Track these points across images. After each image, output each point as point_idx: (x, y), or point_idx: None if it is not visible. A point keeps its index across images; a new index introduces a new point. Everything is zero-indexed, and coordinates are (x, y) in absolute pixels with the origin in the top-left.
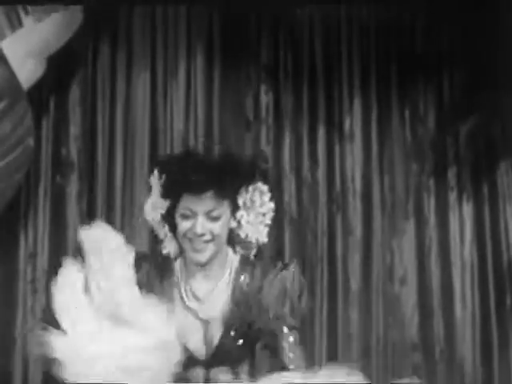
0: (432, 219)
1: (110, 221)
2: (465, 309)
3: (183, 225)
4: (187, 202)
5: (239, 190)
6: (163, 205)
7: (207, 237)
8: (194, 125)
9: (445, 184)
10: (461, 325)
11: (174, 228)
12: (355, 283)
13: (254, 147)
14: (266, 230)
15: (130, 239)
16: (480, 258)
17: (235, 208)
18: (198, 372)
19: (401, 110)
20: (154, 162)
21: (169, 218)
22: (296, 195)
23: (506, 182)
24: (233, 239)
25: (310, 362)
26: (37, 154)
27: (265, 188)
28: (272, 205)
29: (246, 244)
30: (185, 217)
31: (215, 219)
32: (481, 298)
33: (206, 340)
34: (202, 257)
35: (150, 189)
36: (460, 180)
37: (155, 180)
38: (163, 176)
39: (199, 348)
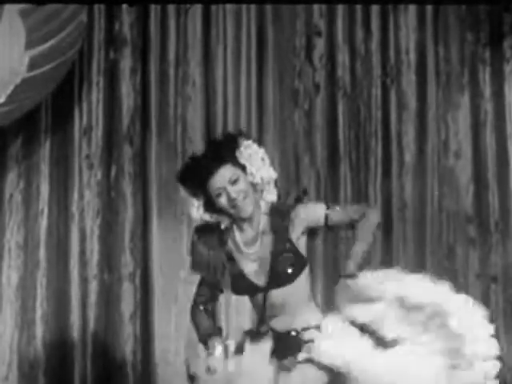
0: (487, 91)
1: (163, 94)
2: None
3: (222, 201)
4: (212, 184)
5: (234, 155)
6: (200, 203)
7: (241, 196)
8: None
9: (500, 55)
10: None
11: (218, 210)
12: (409, 156)
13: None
14: (271, 168)
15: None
16: None
17: (243, 168)
18: (259, 296)
19: None
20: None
21: (210, 208)
22: (349, 68)
23: None
24: (258, 191)
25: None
26: (90, 30)
27: (248, 142)
28: (262, 149)
29: (268, 188)
30: (218, 195)
31: (236, 181)
32: None
33: (263, 271)
34: (246, 212)
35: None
36: None
37: (184, 193)
38: (186, 186)
39: (258, 279)
